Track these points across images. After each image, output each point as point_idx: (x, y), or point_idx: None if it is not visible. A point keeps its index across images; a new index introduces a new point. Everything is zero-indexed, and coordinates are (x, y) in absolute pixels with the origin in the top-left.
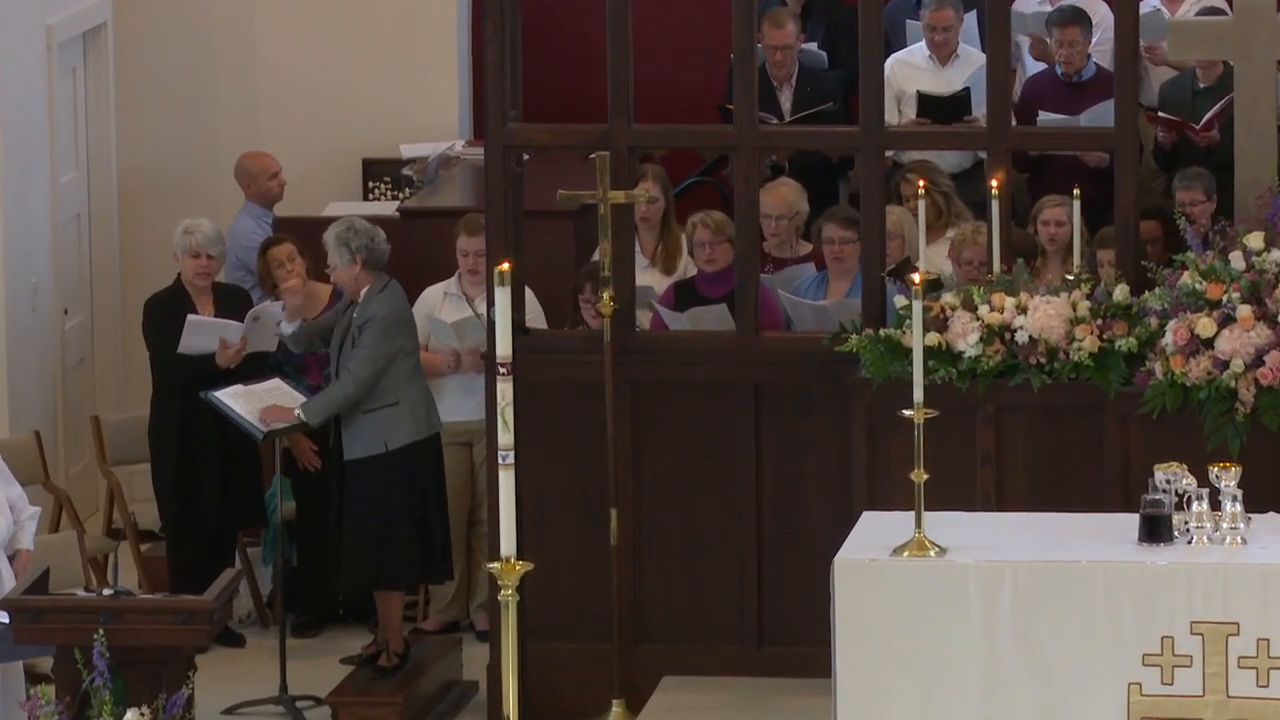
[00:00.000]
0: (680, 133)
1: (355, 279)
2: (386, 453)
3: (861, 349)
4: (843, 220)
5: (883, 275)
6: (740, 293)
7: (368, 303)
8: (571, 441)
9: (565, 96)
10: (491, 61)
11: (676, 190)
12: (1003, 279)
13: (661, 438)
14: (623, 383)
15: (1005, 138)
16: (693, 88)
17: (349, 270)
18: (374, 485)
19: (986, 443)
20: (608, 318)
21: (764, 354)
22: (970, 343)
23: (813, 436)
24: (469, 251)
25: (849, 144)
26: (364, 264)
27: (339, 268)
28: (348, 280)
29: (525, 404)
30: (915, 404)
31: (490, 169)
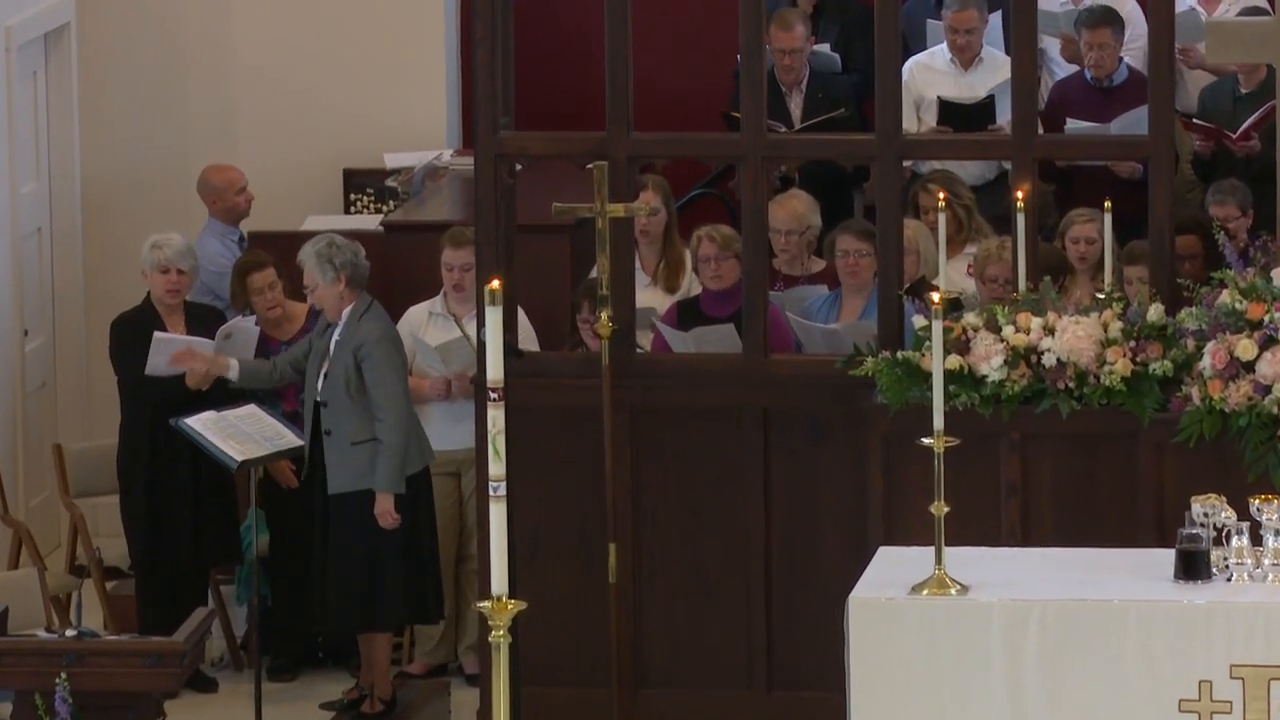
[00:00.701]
0: (683, 141)
1: (339, 298)
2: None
3: (877, 372)
4: (858, 232)
5: (900, 294)
6: (748, 312)
7: (354, 325)
8: (567, 472)
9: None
10: (482, 64)
11: (679, 203)
12: (1029, 298)
13: (664, 468)
14: (622, 409)
15: (1031, 146)
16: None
17: (332, 289)
18: (363, 520)
19: (1011, 473)
20: (606, 339)
21: (773, 378)
22: (994, 366)
23: (825, 466)
24: (454, 265)
25: (864, 153)
26: (348, 282)
27: (320, 287)
28: (330, 300)
29: (518, 431)
30: (935, 431)
31: (480, 180)
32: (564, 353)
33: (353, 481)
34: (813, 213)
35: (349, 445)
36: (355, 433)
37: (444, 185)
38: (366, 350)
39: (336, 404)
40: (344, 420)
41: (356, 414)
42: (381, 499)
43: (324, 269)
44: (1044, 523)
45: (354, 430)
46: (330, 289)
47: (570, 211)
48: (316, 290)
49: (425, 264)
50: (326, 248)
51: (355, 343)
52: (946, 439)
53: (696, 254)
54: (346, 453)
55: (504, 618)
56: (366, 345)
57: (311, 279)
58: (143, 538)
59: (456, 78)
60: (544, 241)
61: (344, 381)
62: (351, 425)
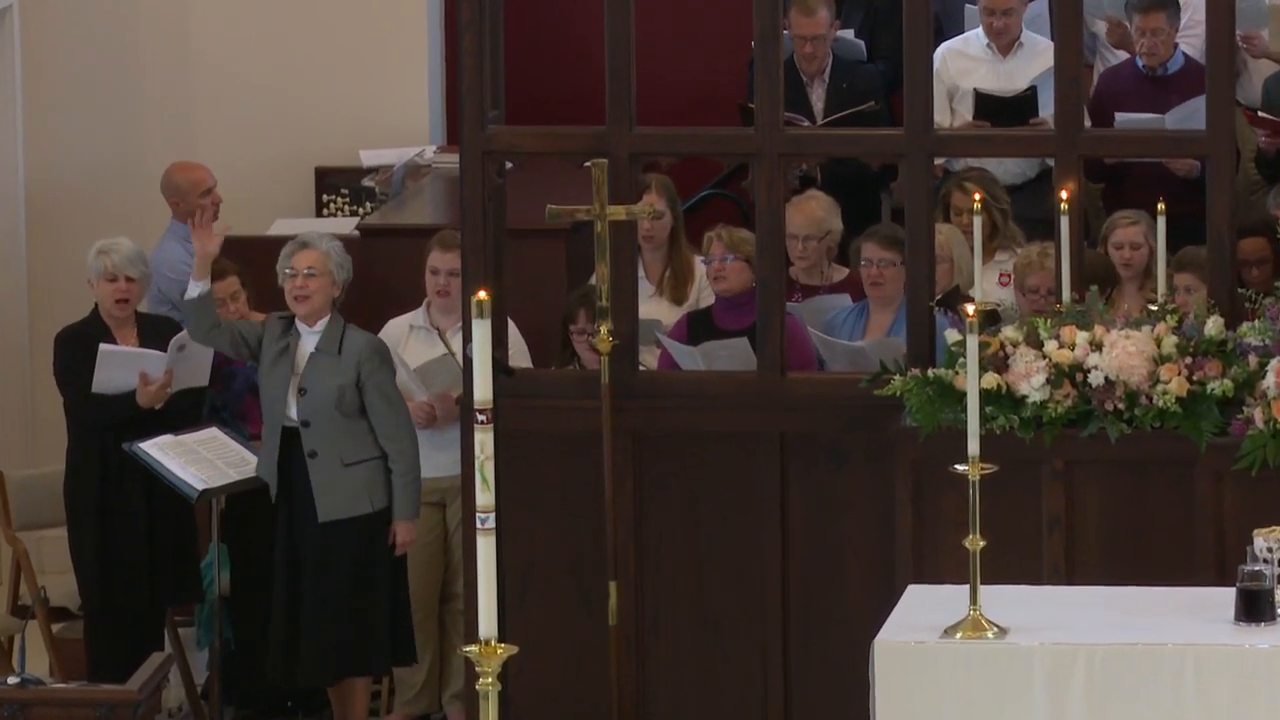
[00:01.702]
0: (692, 137)
1: (328, 305)
2: (373, 513)
3: (906, 393)
4: (884, 239)
5: (931, 305)
6: (763, 325)
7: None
8: (563, 502)
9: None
10: (468, 52)
11: (687, 205)
12: (1073, 310)
13: (669, 498)
14: (623, 433)
15: (1077, 142)
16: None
17: (331, 291)
18: (356, 551)
19: (1054, 504)
20: (605, 355)
21: (791, 398)
22: (1035, 385)
23: (848, 496)
24: (440, 269)
25: (891, 150)
26: (340, 292)
27: (325, 279)
28: (321, 299)
29: (508, 458)
30: (970, 458)
31: (467, 179)
32: (559, 370)
33: (348, 506)
34: (832, 216)
35: (340, 467)
36: (348, 453)
37: (426, 185)
38: (373, 366)
39: (323, 423)
40: (334, 441)
41: (350, 433)
42: (405, 528)
43: (340, 266)
44: (1091, 558)
45: (346, 450)
46: (331, 290)
47: (566, 214)
48: (319, 279)
49: (405, 272)
50: (343, 251)
51: (354, 357)
52: (983, 466)
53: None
54: (338, 475)
55: (493, 663)
56: (373, 361)
57: (322, 266)
58: (93, 575)
59: (440, 66)
60: (537, 248)
61: (336, 399)
62: (344, 445)
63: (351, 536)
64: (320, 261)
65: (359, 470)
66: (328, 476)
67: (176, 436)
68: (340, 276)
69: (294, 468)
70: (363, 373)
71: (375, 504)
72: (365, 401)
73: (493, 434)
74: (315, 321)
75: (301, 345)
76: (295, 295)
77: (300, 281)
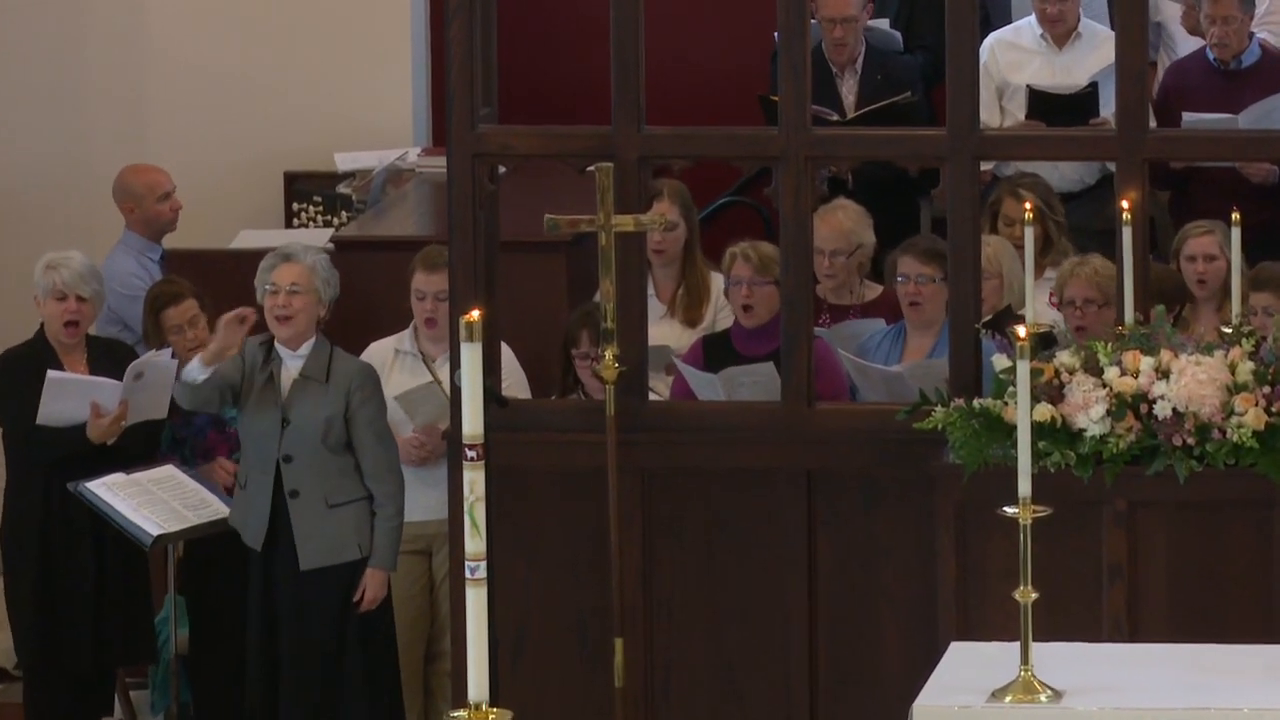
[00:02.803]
0: (708, 137)
1: (311, 326)
2: (362, 559)
3: (949, 426)
4: (923, 253)
5: (978, 327)
6: (788, 348)
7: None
8: (563, 549)
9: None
10: (456, 41)
11: (703, 214)
12: (1137, 332)
13: (683, 544)
14: (631, 471)
15: (1141, 144)
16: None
17: (317, 309)
18: (342, 603)
19: (1116, 550)
20: (611, 383)
21: (819, 431)
22: (1094, 418)
23: (884, 542)
24: (427, 293)
25: (933, 152)
26: (326, 311)
27: (310, 296)
28: (306, 318)
29: (502, 499)
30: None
31: (455, 185)
32: (559, 400)
33: (331, 553)
34: (863, 228)
35: (325, 509)
36: (333, 492)
37: (409, 192)
38: (363, 396)
39: (307, 459)
40: (318, 479)
41: (336, 469)
42: (378, 577)
43: (327, 282)
44: (1156, 612)
45: (331, 489)
46: (316, 308)
47: (567, 225)
48: (304, 296)
49: (386, 290)
50: (330, 266)
51: (344, 385)
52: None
53: (728, 276)
54: (322, 518)
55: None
56: (364, 389)
57: (307, 282)
58: (33, 630)
59: (425, 58)
60: (534, 262)
61: (322, 432)
62: (329, 484)
63: (336, 586)
64: (305, 277)
65: (345, 512)
66: (311, 519)
67: (129, 475)
68: (327, 294)
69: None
70: (352, 403)
71: (365, 549)
72: (352, 436)
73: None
74: (299, 344)
75: (285, 371)
76: (277, 315)
77: (283, 299)
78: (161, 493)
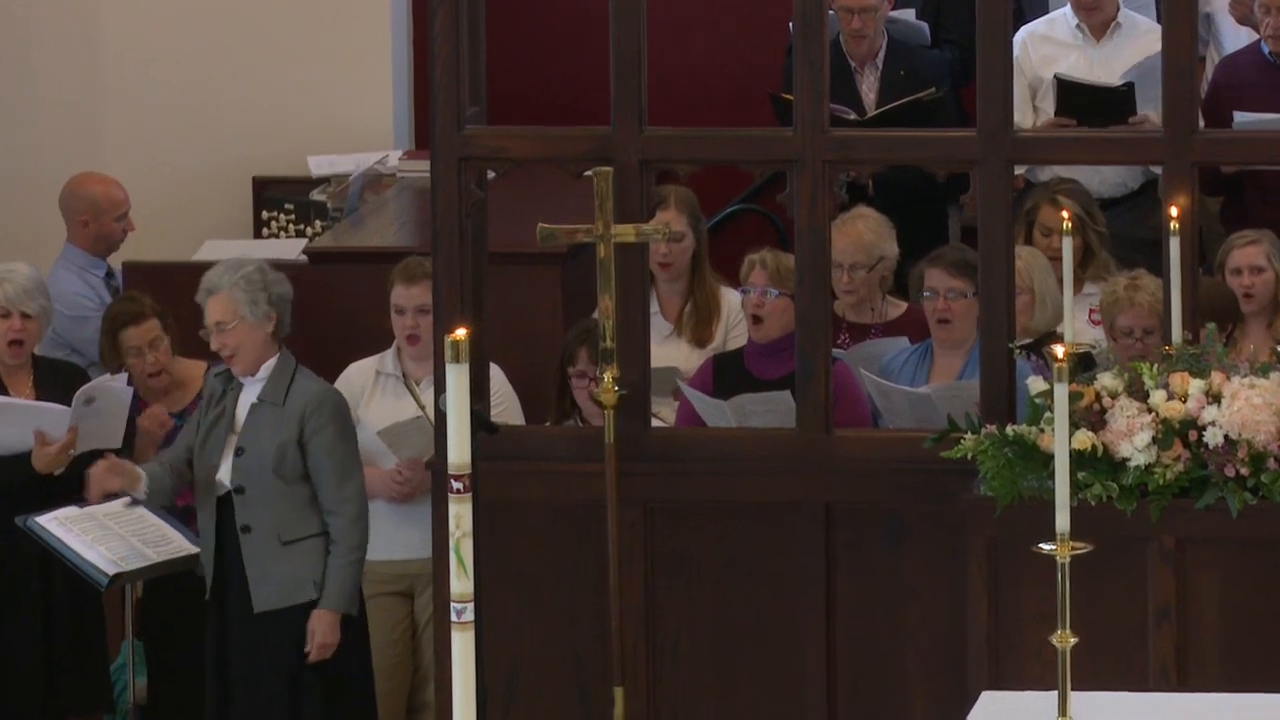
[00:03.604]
0: (715, 139)
1: (263, 346)
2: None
3: (980, 454)
4: (952, 266)
5: (1011, 346)
6: (804, 371)
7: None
8: (558, 589)
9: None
10: (441, 34)
11: (711, 223)
12: (1185, 353)
13: (689, 584)
14: (633, 504)
15: (1189, 146)
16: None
17: (258, 331)
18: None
19: (1163, 591)
20: (610, 408)
21: (839, 460)
22: (1139, 446)
23: (909, 581)
24: (407, 307)
25: (962, 155)
26: (276, 325)
27: (244, 325)
28: (252, 346)
29: (492, 534)
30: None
31: (440, 191)
32: (554, 427)
33: (285, 594)
34: (884, 239)
35: (279, 546)
36: (288, 528)
37: (389, 199)
38: (320, 421)
39: (260, 490)
40: (272, 512)
41: (291, 504)
42: (326, 619)
43: (254, 300)
44: (1207, 658)
45: (286, 525)
46: (255, 330)
47: (562, 235)
48: (236, 329)
49: (364, 306)
50: (259, 274)
51: (299, 408)
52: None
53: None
54: (276, 556)
55: None
56: (320, 414)
57: (232, 313)
58: None
59: (407, 53)
60: (526, 276)
61: (275, 460)
62: (283, 519)
63: (290, 631)
64: (228, 309)
65: (301, 549)
66: (263, 557)
67: (82, 508)
68: (260, 311)
69: (226, 545)
70: (307, 428)
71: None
72: (307, 463)
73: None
74: (256, 370)
75: (243, 397)
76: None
77: (217, 340)
78: (119, 528)
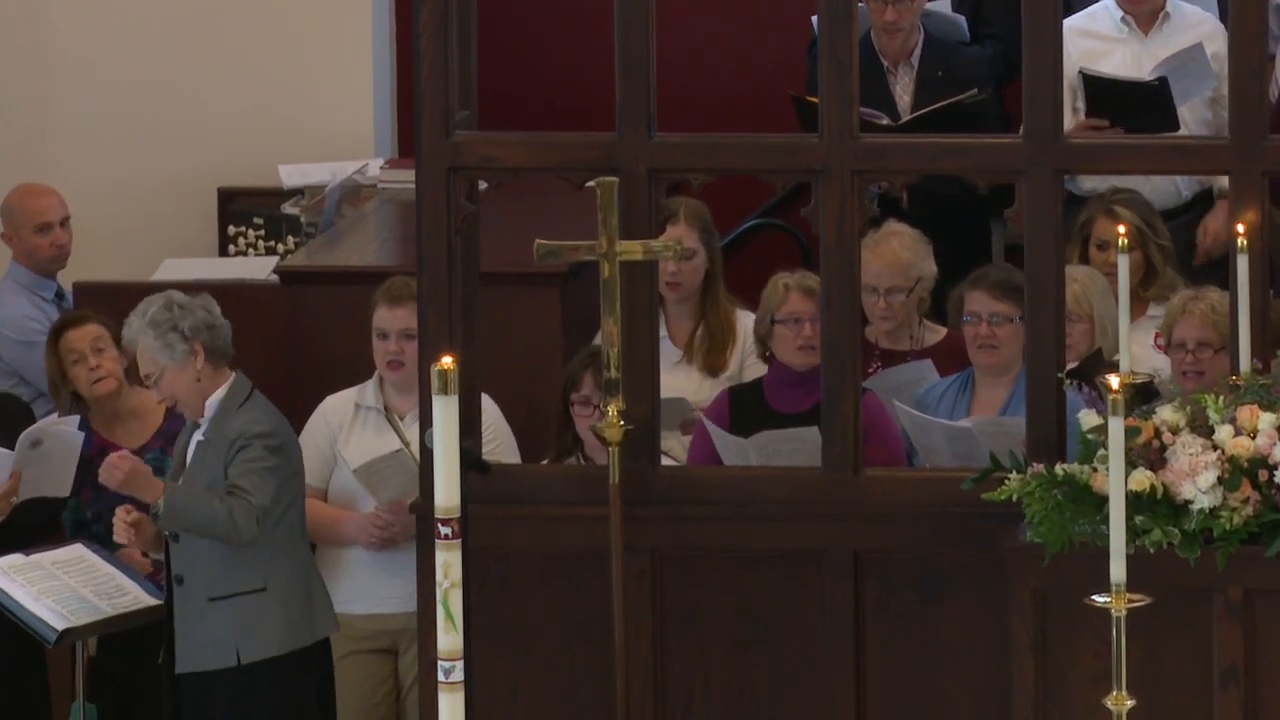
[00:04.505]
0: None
1: (196, 384)
2: (239, 667)
3: (1026, 496)
4: (996, 287)
5: (1061, 376)
6: (830, 405)
7: (228, 417)
8: (556, 646)
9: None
10: (427, 33)
11: (726, 240)
12: (1254, 383)
13: (703, 640)
14: (640, 551)
15: (1260, 154)
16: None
17: (183, 372)
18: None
19: (1230, 648)
20: (616, 445)
21: (869, 504)
22: (1203, 487)
23: (946, 637)
24: (390, 331)
25: (1006, 163)
26: (207, 355)
27: (167, 371)
28: (184, 388)
29: (484, 585)
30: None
31: (425, 205)
32: (552, 465)
33: (209, 656)
34: (921, 257)
35: (205, 602)
36: (217, 583)
37: (369, 213)
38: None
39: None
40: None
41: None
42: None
43: (167, 343)
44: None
45: (214, 578)
46: (181, 372)
47: (562, 252)
48: (162, 379)
49: (342, 332)
50: (164, 311)
51: (230, 438)
52: (1131, 597)
53: (773, 310)
54: (201, 613)
55: None
56: (246, 437)
57: (152, 363)
58: None
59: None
60: (522, 298)
61: None
62: (212, 570)
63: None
64: (146, 358)
65: (226, 609)
66: (189, 613)
67: (28, 556)
68: (177, 354)
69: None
70: (232, 454)
71: (245, 654)
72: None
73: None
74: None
75: (195, 437)
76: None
77: (155, 395)
78: (69, 578)
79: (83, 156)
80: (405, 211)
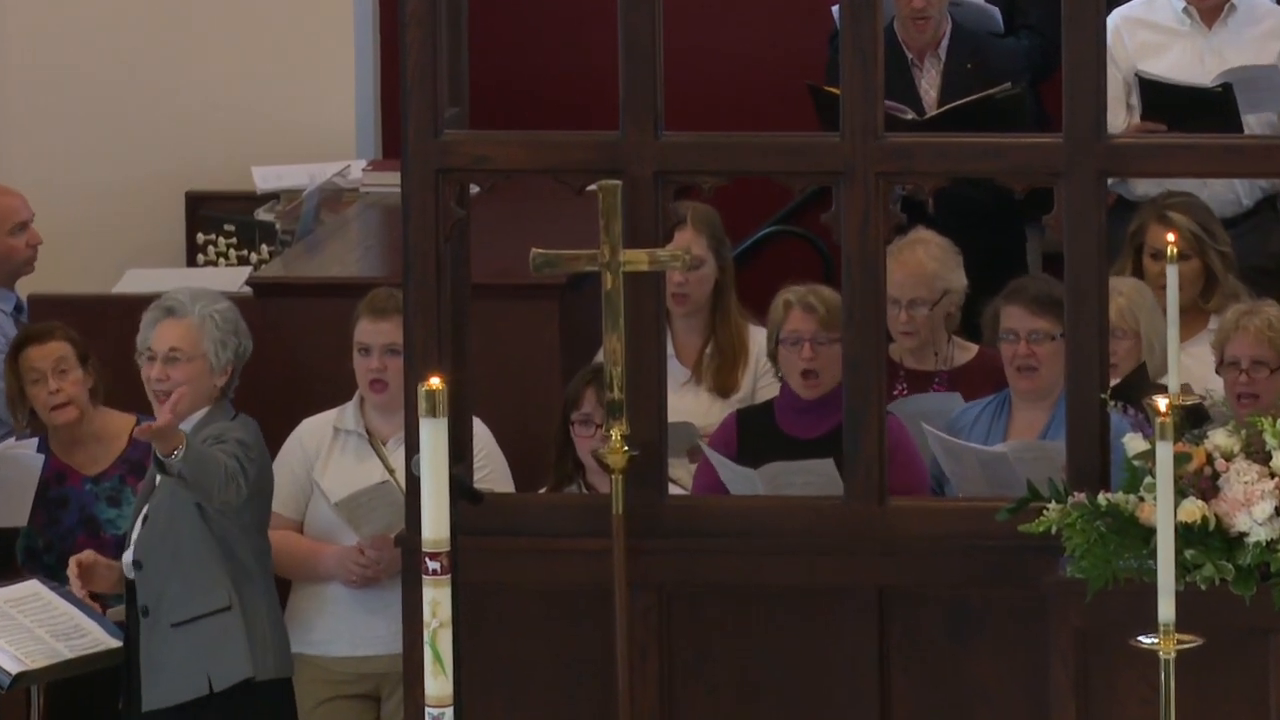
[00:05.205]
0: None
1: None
2: (211, 695)
3: (1066, 528)
4: (1034, 302)
5: (1104, 398)
6: (852, 429)
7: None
8: (555, 689)
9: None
10: (414, 23)
11: (738, 249)
12: None
13: (713, 683)
14: (646, 588)
15: None
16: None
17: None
18: None
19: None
20: (619, 472)
21: (894, 536)
22: (1259, 518)
23: (979, 681)
24: (373, 346)
25: (1043, 165)
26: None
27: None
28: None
29: (476, 625)
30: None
31: (412, 210)
32: (550, 494)
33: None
34: (949, 268)
35: (167, 629)
36: (179, 606)
37: (351, 219)
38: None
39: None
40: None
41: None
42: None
43: (223, 343)
44: None
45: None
46: (208, 378)
47: (560, 262)
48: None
49: (320, 349)
50: (233, 314)
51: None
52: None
53: (778, 328)
54: (165, 641)
55: None
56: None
57: (193, 345)
58: None
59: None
60: (517, 312)
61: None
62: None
63: None
64: (188, 338)
65: (192, 633)
66: (155, 644)
67: None
68: (223, 357)
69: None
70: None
71: (217, 681)
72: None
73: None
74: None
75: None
76: (153, 390)
77: (158, 370)
78: (23, 617)
79: (37, 157)
80: (390, 217)
